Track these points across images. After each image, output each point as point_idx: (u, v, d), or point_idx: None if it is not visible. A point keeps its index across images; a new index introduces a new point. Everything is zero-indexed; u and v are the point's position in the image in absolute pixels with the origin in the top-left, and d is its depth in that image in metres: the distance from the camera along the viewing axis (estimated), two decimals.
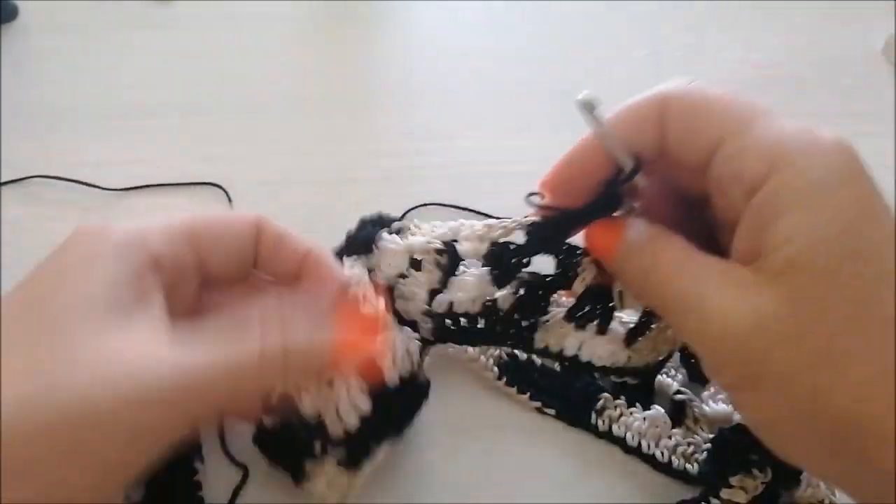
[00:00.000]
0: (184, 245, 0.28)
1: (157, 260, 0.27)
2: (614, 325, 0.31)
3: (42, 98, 0.49)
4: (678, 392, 0.34)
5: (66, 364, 0.23)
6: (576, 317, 0.31)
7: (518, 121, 0.48)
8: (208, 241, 0.28)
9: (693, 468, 0.32)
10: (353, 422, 0.28)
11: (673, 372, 0.35)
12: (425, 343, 0.31)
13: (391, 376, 0.29)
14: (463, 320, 0.31)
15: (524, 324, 0.31)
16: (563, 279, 0.30)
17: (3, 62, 0.51)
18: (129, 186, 0.43)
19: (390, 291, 0.31)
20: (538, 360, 0.35)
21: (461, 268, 0.31)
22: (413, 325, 0.31)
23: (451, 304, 0.31)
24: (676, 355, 0.36)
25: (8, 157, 0.45)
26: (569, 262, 0.30)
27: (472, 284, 0.31)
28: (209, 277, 0.29)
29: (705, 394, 0.34)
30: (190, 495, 0.30)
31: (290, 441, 0.29)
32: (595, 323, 0.31)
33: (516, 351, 0.36)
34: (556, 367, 0.35)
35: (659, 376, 0.35)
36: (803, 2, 0.57)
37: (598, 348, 0.31)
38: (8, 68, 0.51)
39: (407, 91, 0.51)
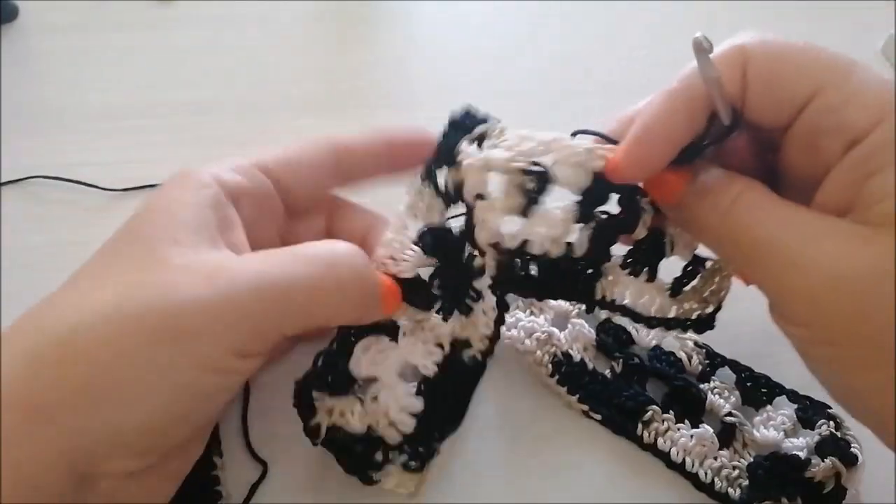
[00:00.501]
0: (257, 175, 0.29)
1: (234, 194, 0.28)
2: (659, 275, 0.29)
3: (42, 98, 0.49)
4: (729, 414, 0.33)
5: (162, 270, 0.24)
6: (630, 262, 0.29)
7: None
8: (283, 167, 0.30)
9: (735, 493, 0.31)
10: (407, 425, 0.28)
11: (726, 393, 0.34)
12: (493, 285, 0.29)
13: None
14: (533, 265, 0.27)
15: (589, 272, 0.28)
16: (628, 221, 0.27)
17: (3, 62, 0.51)
18: (129, 186, 0.43)
19: (470, 214, 0.27)
20: (591, 364, 0.35)
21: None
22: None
23: (524, 242, 0.26)
24: (732, 377, 0.35)
25: (8, 157, 0.45)
26: (632, 202, 0.27)
27: (559, 220, 0.26)
28: (295, 206, 0.31)
29: (757, 419, 0.34)
30: (208, 489, 0.30)
31: (354, 453, 0.29)
32: (646, 269, 0.29)
33: (571, 350, 0.35)
34: (608, 373, 0.35)
35: (711, 396, 0.34)
36: (803, 2, 0.57)
37: (645, 297, 0.29)
38: (8, 68, 0.51)
39: (407, 91, 0.51)
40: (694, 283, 0.29)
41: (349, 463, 0.29)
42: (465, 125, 0.28)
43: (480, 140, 0.28)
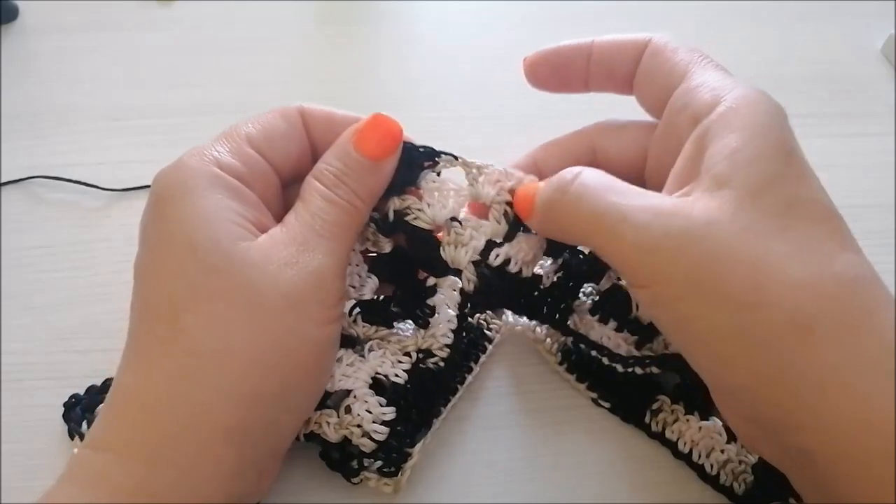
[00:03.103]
0: (254, 156, 0.29)
1: (238, 175, 0.28)
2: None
3: (42, 98, 0.49)
4: None
5: (238, 277, 0.26)
6: (598, 310, 0.32)
7: (518, 121, 0.48)
8: (265, 140, 0.30)
9: (739, 488, 0.31)
10: (380, 433, 0.29)
11: None
12: (465, 297, 0.31)
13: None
14: (509, 283, 0.30)
15: (563, 306, 0.32)
16: (594, 270, 0.32)
17: (3, 62, 0.51)
18: (129, 186, 0.43)
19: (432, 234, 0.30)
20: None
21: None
22: (457, 275, 0.31)
23: (507, 260, 0.30)
24: None
25: (8, 157, 0.45)
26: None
27: (534, 245, 0.30)
28: (283, 176, 0.31)
29: None
30: None
31: (332, 459, 0.31)
32: (612, 319, 0.32)
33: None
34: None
35: None
36: (803, 1, 0.57)
37: (612, 341, 0.32)
38: (8, 68, 0.51)
39: (407, 91, 0.51)
40: (657, 338, 0.32)
41: (329, 466, 0.31)
42: (414, 158, 0.30)
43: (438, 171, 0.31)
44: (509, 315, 0.36)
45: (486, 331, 0.36)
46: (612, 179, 0.27)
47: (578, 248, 0.32)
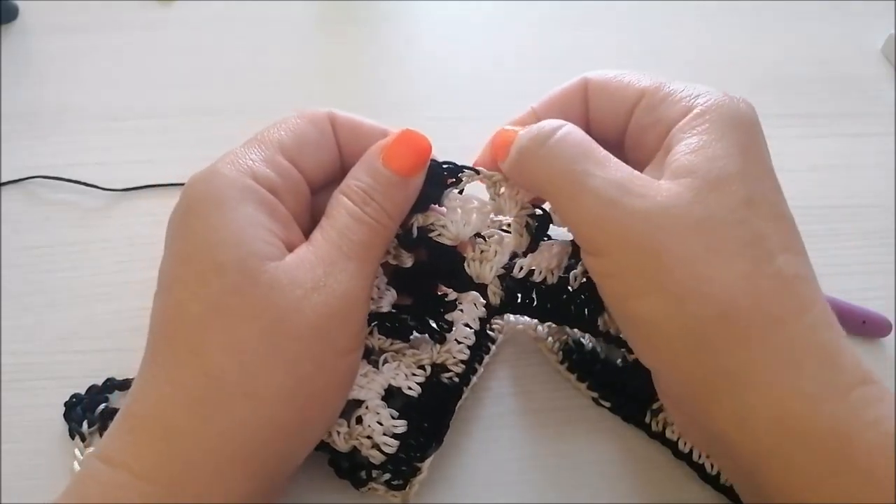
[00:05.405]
0: (285, 165, 0.28)
1: (272, 190, 0.27)
2: None
3: (42, 98, 0.49)
4: None
5: (268, 301, 0.25)
6: None
7: None
8: (297, 148, 0.29)
9: None
10: (390, 446, 0.29)
11: None
12: (490, 311, 0.31)
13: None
14: (534, 291, 0.31)
15: (592, 306, 0.31)
16: None
17: (3, 62, 0.51)
18: (129, 186, 0.43)
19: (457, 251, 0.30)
20: (602, 352, 0.35)
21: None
22: (480, 290, 0.31)
23: (532, 271, 0.30)
24: None
25: (8, 157, 0.45)
26: None
27: (558, 253, 0.30)
28: (313, 185, 0.30)
29: None
30: None
31: (341, 468, 0.30)
32: None
33: (583, 339, 0.35)
34: (619, 362, 0.35)
35: None
36: (803, 1, 0.57)
37: None
38: (8, 68, 0.51)
39: (408, 91, 0.51)
40: None
41: (338, 474, 0.31)
42: (441, 177, 0.30)
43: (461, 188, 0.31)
44: (511, 314, 0.36)
45: (489, 331, 0.35)
46: (592, 145, 0.27)
47: None
